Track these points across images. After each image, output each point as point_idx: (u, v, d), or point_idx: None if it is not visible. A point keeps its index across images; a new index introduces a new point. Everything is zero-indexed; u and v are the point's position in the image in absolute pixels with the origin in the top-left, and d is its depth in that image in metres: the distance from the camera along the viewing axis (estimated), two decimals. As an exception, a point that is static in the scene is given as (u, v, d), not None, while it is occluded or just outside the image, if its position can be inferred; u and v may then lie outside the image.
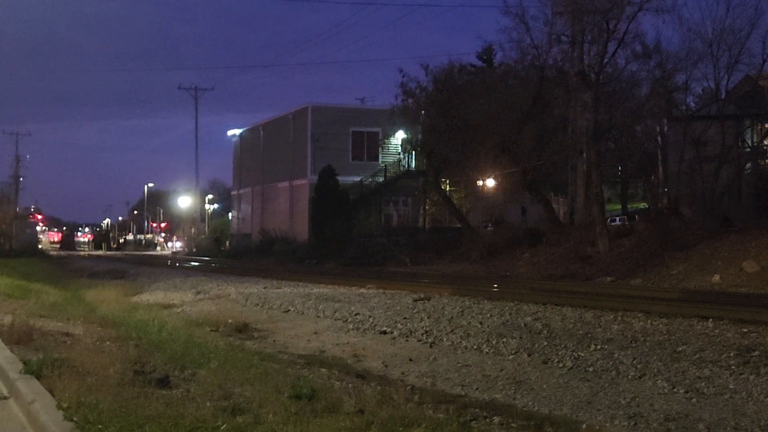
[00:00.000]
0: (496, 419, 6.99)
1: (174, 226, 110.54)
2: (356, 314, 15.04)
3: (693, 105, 37.14)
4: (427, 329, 12.75)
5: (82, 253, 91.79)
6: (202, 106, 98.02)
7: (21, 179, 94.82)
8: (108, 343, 10.16)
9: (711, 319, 12.60)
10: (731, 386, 8.25)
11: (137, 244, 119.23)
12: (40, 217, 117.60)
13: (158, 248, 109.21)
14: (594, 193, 30.22)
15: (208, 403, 6.55)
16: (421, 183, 48.07)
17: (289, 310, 16.72)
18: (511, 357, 10.43)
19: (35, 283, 23.66)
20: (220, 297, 20.37)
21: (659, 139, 37.11)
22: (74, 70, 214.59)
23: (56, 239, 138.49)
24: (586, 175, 32.12)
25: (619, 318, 13.33)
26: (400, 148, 49.90)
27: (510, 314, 14.17)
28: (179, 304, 19.31)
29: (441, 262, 35.72)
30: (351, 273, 30.61)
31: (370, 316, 14.63)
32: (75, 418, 5.91)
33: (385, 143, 52.02)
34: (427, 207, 50.03)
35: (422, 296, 17.67)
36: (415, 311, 15.15)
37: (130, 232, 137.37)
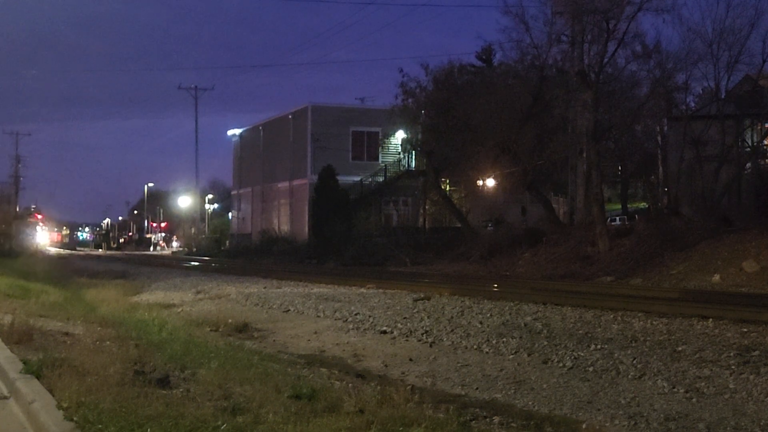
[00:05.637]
0: (496, 419, 7.00)
1: (174, 226, 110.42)
2: (356, 314, 15.04)
3: (693, 105, 37.24)
4: (427, 329, 12.75)
5: (82, 252, 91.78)
6: (202, 106, 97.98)
7: (21, 179, 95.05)
8: (108, 342, 10.15)
9: (711, 319, 12.60)
10: (731, 386, 8.25)
11: (137, 243, 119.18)
12: (40, 217, 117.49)
13: (158, 248, 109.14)
14: (594, 193, 30.22)
15: (208, 403, 6.56)
16: (421, 183, 48.08)
17: (289, 310, 16.71)
18: (511, 357, 10.42)
19: (35, 283, 23.62)
20: (220, 297, 20.35)
21: (659, 139, 37.16)
22: (74, 70, 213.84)
23: (56, 239, 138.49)
24: (586, 175, 32.12)
25: (619, 318, 13.33)
26: (400, 148, 49.84)
27: (510, 314, 14.17)
28: (179, 303, 19.30)
29: (441, 262, 35.71)
30: (351, 273, 30.60)
31: (370, 316, 14.63)
32: (75, 418, 5.91)
33: (385, 143, 52.00)
34: (427, 207, 50.03)
35: (422, 296, 17.64)
36: (415, 311, 15.15)
37: (130, 231, 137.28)
